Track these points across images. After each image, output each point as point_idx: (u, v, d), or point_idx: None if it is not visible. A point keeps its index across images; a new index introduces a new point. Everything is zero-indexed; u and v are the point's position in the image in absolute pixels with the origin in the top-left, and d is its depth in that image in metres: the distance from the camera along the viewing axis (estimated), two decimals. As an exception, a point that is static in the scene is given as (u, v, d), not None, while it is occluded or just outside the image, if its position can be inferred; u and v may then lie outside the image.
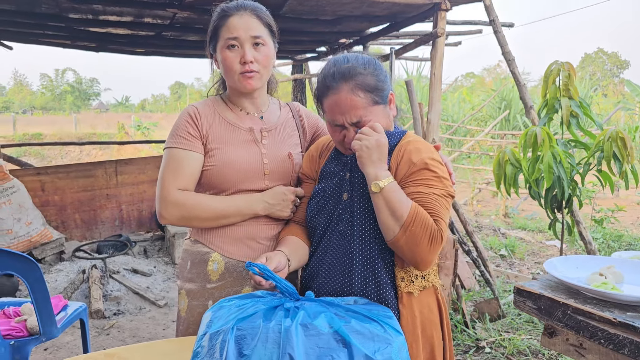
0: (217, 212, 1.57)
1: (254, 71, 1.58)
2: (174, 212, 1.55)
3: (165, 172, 1.57)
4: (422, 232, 1.29)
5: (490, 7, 3.47)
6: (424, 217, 1.31)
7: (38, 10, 4.04)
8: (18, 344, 2.38)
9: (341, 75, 1.40)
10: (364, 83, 1.40)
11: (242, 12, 1.59)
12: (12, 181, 4.97)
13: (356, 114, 1.40)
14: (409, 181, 1.39)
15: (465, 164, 13.40)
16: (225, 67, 1.59)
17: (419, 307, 1.43)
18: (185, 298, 1.65)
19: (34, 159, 17.81)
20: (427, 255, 1.31)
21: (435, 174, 1.39)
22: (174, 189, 1.55)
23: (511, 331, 3.64)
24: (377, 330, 1.09)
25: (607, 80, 44.87)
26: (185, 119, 1.61)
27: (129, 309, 4.21)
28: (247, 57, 1.56)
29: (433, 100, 3.50)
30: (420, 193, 1.36)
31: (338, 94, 1.40)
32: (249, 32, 1.57)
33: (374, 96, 1.41)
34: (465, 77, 45.01)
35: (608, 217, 6.53)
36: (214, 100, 1.70)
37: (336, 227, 1.47)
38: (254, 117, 1.70)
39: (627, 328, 1.39)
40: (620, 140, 2.75)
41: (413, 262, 1.35)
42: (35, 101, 48.37)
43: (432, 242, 1.30)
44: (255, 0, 1.70)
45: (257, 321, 1.08)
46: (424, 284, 1.45)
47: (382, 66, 1.49)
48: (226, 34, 1.57)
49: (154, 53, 6.11)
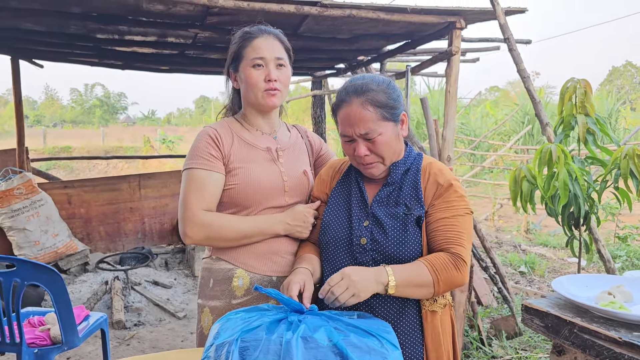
0: (240, 233, 1.62)
1: (277, 89, 1.67)
2: (200, 232, 1.59)
3: (188, 193, 1.61)
4: (449, 272, 1.41)
5: (505, 26, 3.49)
6: (440, 261, 1.42)
7: (67, 31, 4.21)
8: (41, 352, 2.47)
9: (354, 90, 1.49)
10: (374, 99, 1.47)
11: (267, 35, 1.69)
12: (40, 194, 5.15)
13: (365, 127, 1.46)
14: (437, 204, 1.49)
15: (487, 178, 13.26)
16: (249, 84, 1.67)
17: (441, 324, 1.51)
18: (209, 315, 1.67)
19: (62, 172, 18.29)
20: (462, 280, 1.45)
21: (458, 194, 1.50)
22: (198, 209, 1.58)
23: (528, 349, 3.59)
24: (374, 344, 1.13)
25: (636, 94, 43.91)
26: (206, 140, 1.66)
27: (149, 320, 4.29)
28: (272, 76, 1.65)
29: (448, 117, 3.53)
30: (445, 219, 1.47)
31: (349, 107, 1.48)
32: (274, 53, 1.67)
33: (384, 112, 1.48)
34: (489, 91, 44.62)
35: (632, 234, 6.39)
36: (229, 122, 1.76)
37: (352, 258, 1.53)
38: (269, 137, 1.77)
39: (632, 347, 1.39)
40: (638, 158, 2.73)
41: (454, 289, 1.52)
42: (65, 115, 49.67)
43: (460, 269, 1.43)
44: (273, 22, 1.81)
45: (260, 333, 1.14)
46: (444, 302, 1.54)
47: (396, 87, 1.56)
48: (252, 54, 1.66)
49: (177, 70, 6.27)
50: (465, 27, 3.56)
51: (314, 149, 1.93)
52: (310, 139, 1.94)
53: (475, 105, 20.25)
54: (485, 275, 4.40)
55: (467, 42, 4.89)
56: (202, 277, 1.74)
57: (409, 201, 1.52)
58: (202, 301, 1.71)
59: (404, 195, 1.53)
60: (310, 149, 1.90)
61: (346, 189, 1.65)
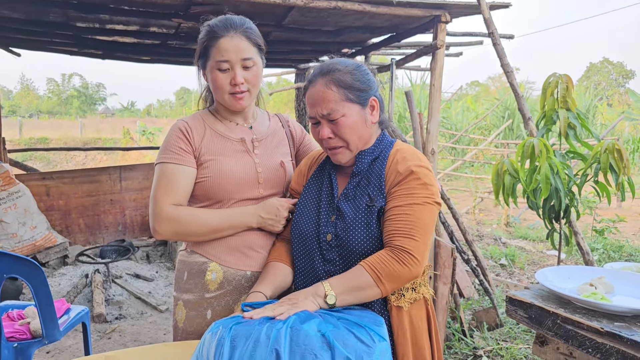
0: (210, 227, 1.60)
1: (244, 92, 1.62)
2: (168, 227, 1.56)
3: (158, 188, 1.58)
4: (391, 268, 1.33)
5: (489, 20, 3.52)
6: (379, 259, 1.34)
7: (46, 19, 4.12)
8: (21, 347, 2.42)
9: (320, 70, 1.48)
10: (338, 79, 1.44)
11: (232, 33, 1.59)
12: (17, 186, 5.04)
13: (327, 107, 1.44)
14: (394, 191, 1.42)
15: (468, 172, 13.42)
16: (215, 87, 1.63)
17: (409, 320, 1.44)
18: (182, 309, 1.66)
19: (39, 163, 17.93)
20: (410, 274, 1.35)
21: (420, 181, 1.40)
22: (167, 204, 1.56)
23: (509, 340, 3.66)
24: (363, 335, 1.14)
25: (612, 90, 44.80)
26: (177, 134, 1.63)
27: (131, 314, 4.25)
28: (238, 80, 1.60)
29: (432, 111, 3.55)
30: (398, 208, 1.39)
31: (314, 87, 1.47)
32: (240, 54, 1.59)
33: (348, 93, 1.44)
34: (470, 86, 45.04)
35: (609, 227, 6.53)
36: (203, 114, 1.73)
37: (320, 255, 1.50)
38: (244, 128, 1.74)
39: (614, 337, 1.42)
40: (617, 152, 2.79)
41: (406, 284, 1.41)
42: (41, 105, 48.71)
43: (405, 262, 1.33)
44: (257, 13, 1.74)
45: (252, 324, 1.17)
46: (415, 297, 1.46)
47: (366, 71, 1.52)
48: (217, 56, 1.59)
49: (159, 61, 6.19)
50: (450, 21, 3.59)
51: (295, 139, 1.89)
52: (292, 128, 1.89)
53: (456, 100, 20.44)
54: (467, 268, 4.46)
55: (451, 36, 4.92)
56: (177, 270, 1.73)
57: (373, 192, 1.45)
58: (177, 294, 1.69)
59: (370, 186, 1.47)
60: (291, 139, 1.87)
61: (319, 181, 1.61)
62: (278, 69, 7.16)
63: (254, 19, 1.73)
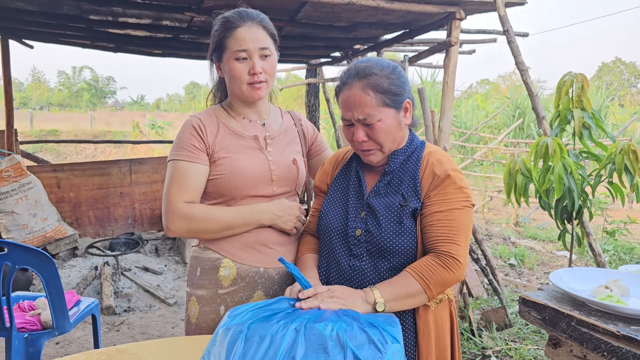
0: (224, 224, 1.60)
1: (262, 82, 1.61)
2: (181, 225, 1.56)
3: (171, 186, 1.59)
4: (438, 274, 1.36)
5: (504, 18, 3.48)
6: (426, 265, 1.37)
7: (60, 11, 4.13)
8: (32, 337, 2.44)
9: (356, 72, 1.44)
10: (376, 83, 1.42)
11: (250, 23, 1.59)
12: (29, 177, 5.07)
13: (363, 112, 1.42)
14: (433, 196, 1.43)
15: (477, 171, 13.35)
16: (233, 77, 1.61)
17: (434, 319, 1.46)
18: (195, 304, 1.66)
19: (49, 155, 18.08)
20: (456, 278, 1.40)
21: (456, 185, 1.44)
22: (180, 202, 1.56)
23: (518, 341, 3.63)
24: (376, 336, 1.13)
25: (624, 90, 44.32)
26: (190, 131, 1.62)
27: (139, 306, 4.27)
28: (257, 69, 1.59)
29: (445, 108, 3.52)
30: (439, 213, 1.41)
31: (350, 90, 1.44)
32: (257, 43, 1.59)
33: (385, 98, 1.43)
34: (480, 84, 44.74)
35: (620, 229, 6.47)
36: (216, 110, 1.72)
37: (347, 249, 1.51)
38: (257, 125, 1.72)
39: (630, 341, 1.40)
40: (632, 153, 2.75)
41: (450, 287, 1.46)
42: (52, 98, 48.97)
43: (452, 268, 1.37)
44: (271, 7, 1.73)
45: (267, 321, 1.18)
46: (441, 297, 1.49)
47: (402, 73, 1.50)
48: (235, 46, 1.58)
49: (171, 55, 6.19)
50: (464, 18, 3.55)
51: (307, 139, 1.88)
52: (304, 127, 1.88)
53: (466, 98, 20.31)
54: (476, 267, 4.43)
55: (465, 33, 4.88)
56: (190, 266, 1.73)
57: (406, 192, 1.46)
58: (190, 290, 1.69)
59: (402, 185, 1.48)
60: (303, 138, 1.85)
61: (346, 178, 1.61)
62: (289, 64, 7.14)
63: (267, 13, 1.72)
